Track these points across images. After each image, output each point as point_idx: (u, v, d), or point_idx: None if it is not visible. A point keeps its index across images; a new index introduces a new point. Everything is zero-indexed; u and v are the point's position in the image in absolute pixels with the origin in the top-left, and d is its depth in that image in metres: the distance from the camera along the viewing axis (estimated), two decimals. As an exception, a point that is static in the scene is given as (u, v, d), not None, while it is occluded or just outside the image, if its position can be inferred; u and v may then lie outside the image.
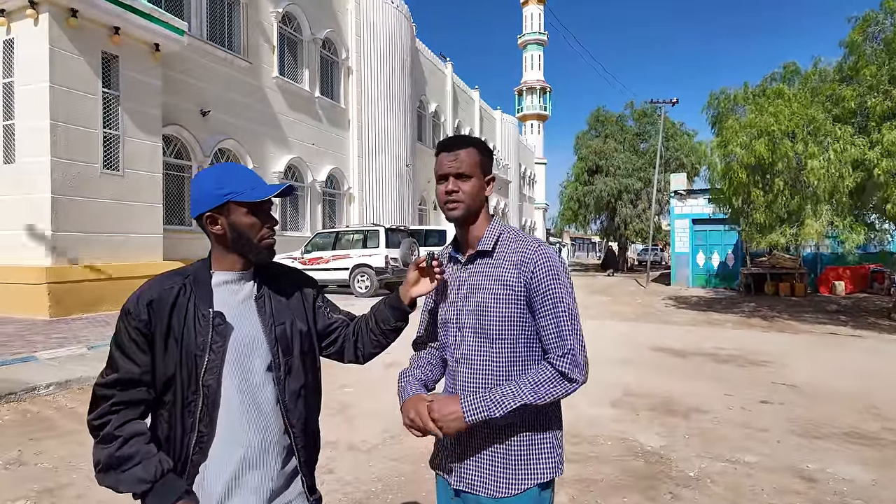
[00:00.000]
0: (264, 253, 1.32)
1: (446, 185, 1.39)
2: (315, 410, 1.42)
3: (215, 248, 1.32)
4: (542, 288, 1.32)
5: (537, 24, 59.61)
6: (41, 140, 8.63)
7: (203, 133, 12.86)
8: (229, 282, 1.31)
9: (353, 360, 1.53)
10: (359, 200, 19.04)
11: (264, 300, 1.33)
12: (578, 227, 34.21)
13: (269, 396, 1.29)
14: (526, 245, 1.38)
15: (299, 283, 1.46)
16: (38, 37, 8.68)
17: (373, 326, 1.49)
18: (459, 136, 1.44)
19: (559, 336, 1.31)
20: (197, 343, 1.21)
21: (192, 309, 1.24)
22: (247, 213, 1.27)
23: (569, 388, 1.29)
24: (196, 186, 1.29)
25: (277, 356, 1.30)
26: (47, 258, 8.61)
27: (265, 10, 14.98)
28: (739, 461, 3.73)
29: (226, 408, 1.23)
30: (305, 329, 1.39)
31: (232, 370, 1.24)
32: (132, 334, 1.21)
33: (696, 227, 18.87)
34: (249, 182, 1.28)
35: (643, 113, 31.72)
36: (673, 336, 9.06)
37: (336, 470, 3.55)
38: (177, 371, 1.21)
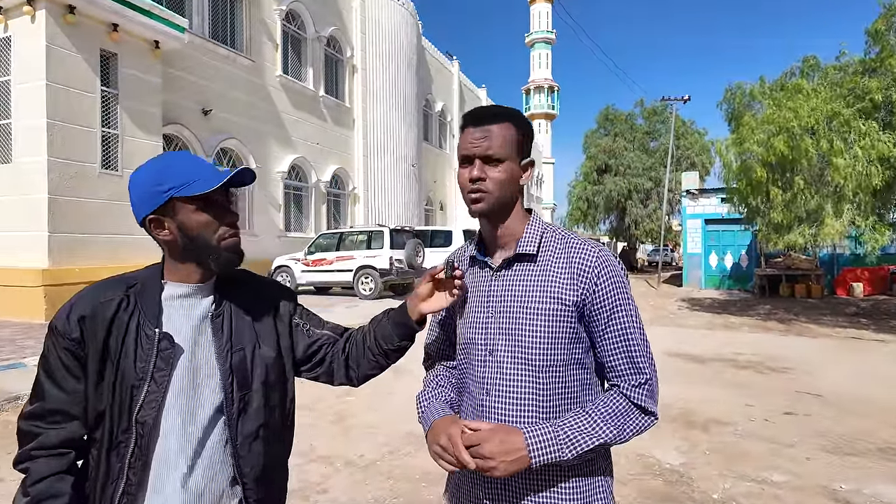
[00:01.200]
0: (226, 256, 1.08)
1: (471, 169, 1.10)
2: (279, 456, 1.17)
3: (167, 256, 1.09)
4: (608, 305, 1.07)
5: (545, 22, 59.22)
6: (38, 139, 8.45)
7: (205, 132, 12.67)
8: (183, 296, 1.08)
9: (344, 381, 1.27)
10: (364, 201, 18.81)
11: (223, 320, 1.09)
12: (587, 228, 33.81)
13: (219, 439, 1.05)
14: (582, 249, 1.10)
15: (272, 297, 1.22)
16: (34, 34, 8.50)
17: (371, 344, 1.23)
18: (493, 107, 1.14)
19: (632, 363, 1.07)
20: (136, 370, 0.99)
21: (133, 328, 1.02)
22: (196, 210, 1.05)
23: (648, 424, 1.07)
24: (133, 186, 1.06)
25: (231, 390, 1.05)
26: (44, 260, 8.43)
27: (268, 8, 14.78)
28: (766, 481, 3.43)
29: (163, 452, 1.00)
30: (273, 356, 1.14)
31: (176, 406, 1.01)
32: (61, 356, 1.00)
33: (709, 228, 18.46)
34: (194, 172, 1.04)
35: (653, 111, 31.28)
36: (689, 340, 8.73)
37: (331, 489, 3.30)
38: (109, 404, 0.99)
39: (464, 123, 1.13)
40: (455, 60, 29.21)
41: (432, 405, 1.20)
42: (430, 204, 25.80)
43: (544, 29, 59.21)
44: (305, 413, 4.72)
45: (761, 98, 10.34)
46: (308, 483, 3.36)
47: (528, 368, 1.08)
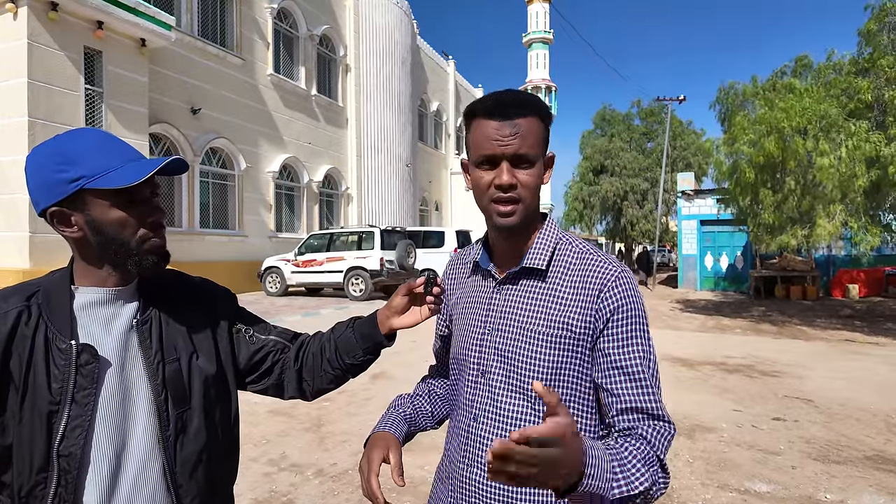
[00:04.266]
0: (149, 260, 0.91)
1: (498, 173, 0.91)
2: (222, 481, 1.02)
3: (76, 255, 0.92)
4: (623, 335, 0.90)
5: (543, 22, 59.14)
6: (19, 138, 8.33)
7: (193, 131, 12.54)
8: (98, 303, 0.91)
9: (295, 395, 1.12)
10: (357, 201, 18.68)
11: (150, 328, 0.93)
12: (584, 228, 33.72)
13: (156, 468, 0.89)
14: (600, 268, 0.93)
15: (208, 300, 1.05)
16: (16, 31, 8.38)
17: (331, 356, 1.08)
18: (517, 94, 0.93)
19: (649, 410, 0.88)
20: (51, 392, 0.82)
21: (41, 343, 0.85)
22: (112, 206, 0.87)
23: (663, 481, 0.82)
24: (30, 167, 0.88)
25: (165, 409, 0.90)
26: (25, 261, 8.30)
27: (259, 6, 14.66)
28: (750, 491, 3.32)
29: (95, 489, 0.84)
30: (213, 370, 0.99)
31: (106, 434, 0.85)
32: None
33: (705, 229, 18.37)
34: (112, 159, 0.87)
35: (650, 112, 31.20)
36: (680, 343, 8.62)
37: (297, 500, 3.18)
38: (17, 438, 0.82)
39: (480, 113, 0.93)
40: (451, 60, 29.12)
41: (389, 413, 1.10)
42: (425, 204, 25.67)
43: (542, 29, 59.14)
44: (281, 419, 4.60)
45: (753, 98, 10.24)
46: (275, 493, 3.24)
47: (523, 399, 0.93)
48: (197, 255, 12.30)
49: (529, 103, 0.93)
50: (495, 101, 0.92)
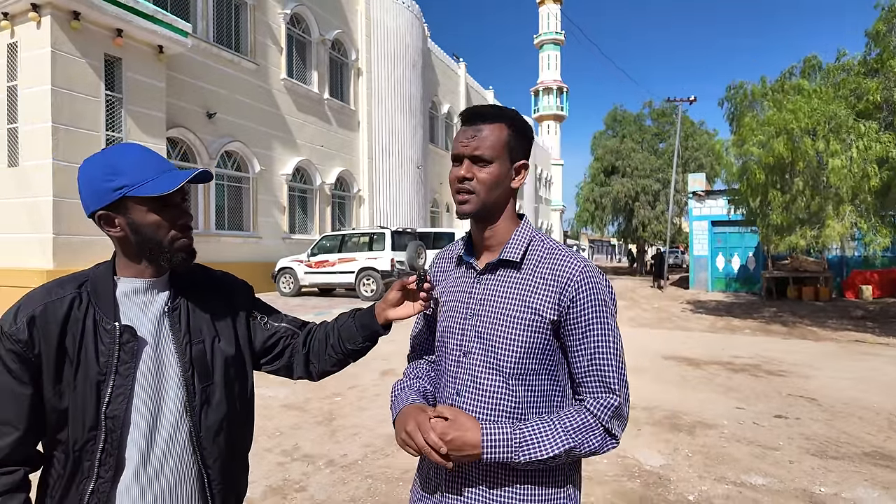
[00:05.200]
0: (179, 257, 1.07)
1: (459, 169, 1.10)
2: (240, 447, 1.18)
3: (118, 251, 1.08)
4: (584, 321, 1.04)
5: (554, 23, 59.09)
6: (43, 143, 8.63)
7: (209, 135, 12.82)
8: (137, 291, 1.07)
9: (303, 375, 1.28)
10: (369, 202, 18.91)
11: (179, 314, 1.09)
12: (595, 230, 33.65)
13: (184, 432, 1.05)
14: (566, 262, 1.07)
15: (229, 291, 1.22)
16: (40, 40, 8.68)
17: (334, 342, 1.25)
18: (488, 106, 1.12)
19: (604, 384, 1.04)
20: (99, 365, 0.98)
21: (90, 324, 1.01)
22: (149, 211, 1.03)
23: (608, 445, 1.02)
24: (82, 177, 1.04)
25: (192, 382, 1.06)
26: (49, 262, 8.59)
27: (273, 12, 14.93)
28: (745, 483, 3.42)
29: (135, 447, 1.00)
30: (233, 351, 1.15)
31: (143, 399, 1.01)
32: (7, 361, 0.98)
33: (716, 230, 18.31)
34: (150, 171, 1.02)
35: (662, 112, 31.09)
36: (688, 343, 8.68)
37: (309, 487, 3.34)
38: (72, 402, 0.97)
39: (461, 121, 1.14)
40: (462, 62, 29.27)
41: (404, 393, 1.20)
42: (436, 206, 25.84)
43: (553, 30, 59.09)
44: (295, 413, 4.78)
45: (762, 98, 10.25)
46: (288, 481, 3.41)
47: (499, 374, 1.07)
48: (213, 256, 12.58)
49: (496, 113, 1.11)
50: (468, 112, 1.12)
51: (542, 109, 59.39)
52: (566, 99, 60.36)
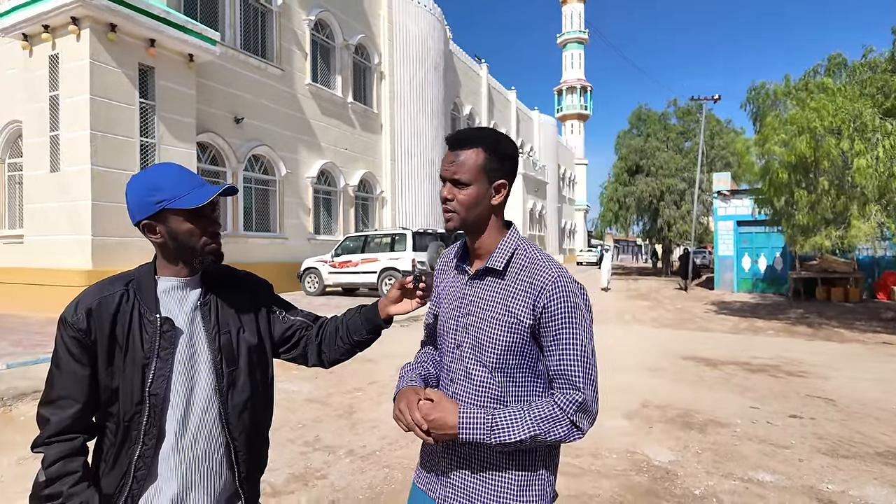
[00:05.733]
0: (209, 259, 1.25)
1: (444, 189, 1.24)
2: (262, 424, 1.35)
3: (158, 254, 1.26)
4: (556, 325, 1.17)
5: (577, 22, 58.69)
6: (82, 149, 9.08)
7: (237, 139, 13.23)
8: (174, 288, 1.25)
9: (316, 363, 1.46)
10: (391, 204, 19.18)
11: (210, 308, 1.27)
12: (619, 229, 33.36)
13: (214, 409, 1.23)
14: (542, 272, 1.19)
15: (252, 288, 1.40)
16: (79, 51, 9.14)
17: (343, 334, 1.43)
18: (469, 131, 1.24)
19: (570, 382, 1.17)
20: (144, 351, 1.16)
21: (136, 316, 1.18)
22: (184, 221, 1.20)
23: (573, 435, 1.16)
24: (129, 192, 1.22)
25: (220, 367, 1.24)
26: (88, 262, 9.03)
27: (297, 18, 15.30)
28: (752, 480, 3.48)
29: (173, 420, 1.18)
30: (255, 341, 1.32)
31: (179, 380, 1.19)
32: (69, 346, 1.16)
33: (741, 229, 18.03)
34: (185, 186, 1.20)
35: (687, 111, 30.65)
36: (708, 343, 8.65)
37: (329, 475, 3.53)
38: (121, 382, 1.15)
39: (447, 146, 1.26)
40: (483, 63, 29.38)
41: (407, 375, 1.36)
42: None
43: (576, 29, 58.69)
44: (317, 406, 5.00)
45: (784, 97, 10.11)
46: (309, 469, 3.61)
47: (485, 367, 1.22)
48: (241, 256, 12.98)
49: (475, 138, 1.23)
50: (451, 137, 1.25)
51: (565, 109, 59.05)
52: (590, 98, 59.88)
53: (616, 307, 14.25)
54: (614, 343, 8.65)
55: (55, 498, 1.12)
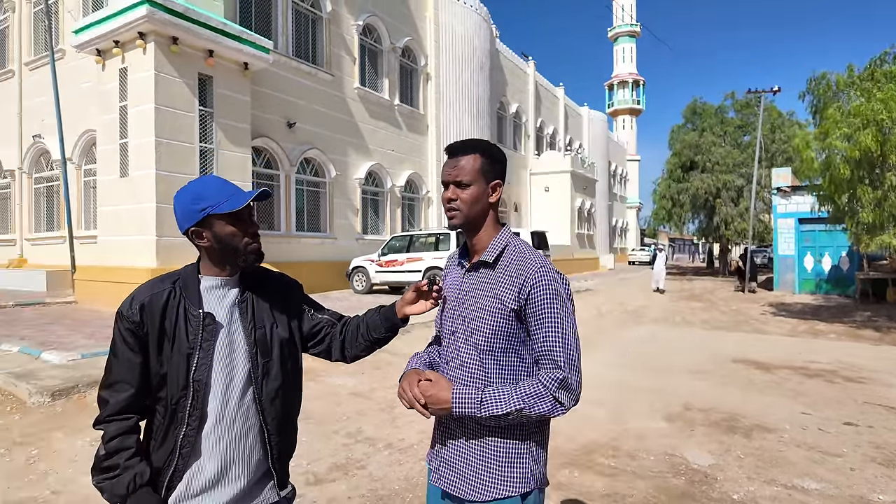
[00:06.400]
0: (251, 258, 1.39)
1: (447, 192, 1.41)
2: (292, 411, 1.49)
3: (203, 256, 1.40)
4: (539, 309, 1.30)
5: (629, 15, 57.15)
6: (148, 155, 9.72)
7: (289, 144, 13.75)
8: (216, 287, 1.38)
9: (339, 359, 1.59)
10: (437, 204, 19.38)
11: (247, 305, 1.40)
12: (673, 228, 32.29)
13: (249, 395, 1.37)
14: (528, 264, 1.34)
15: (284, 288, 1.54)
16: (145, 64, 9.77)
17: (363, 332, 1.56)
18: (465, 141, 1.42)
19: (552, 360, 1.29)
20: (188, 342, 1.30)
21: (182, 311, 1.33)
22: (227, 224, 1.34)
23: (556, 410, 1.27)
24: (176, 204, 1.37)
25: (256, 358, 1.37)
26: (153, 261, 9.66)
27: (346, 24, 15.72)
28: (797, 487, 3.38)
29: (214, 404, 1.32)
30: (287, 336, 1.45)
31: (219, 369, 1.33)
32: (125, 336, 1.31)
33: (803, 227, 17.11)
34: (224, 193, 1.34)
35: (746, 103, 29.25)
36: (761, 346, 8.32)
37: (368, 466, 3.69)
38: (169, 369, 1.30)
39: (446, 154, 1.44)
40: (531, 61, 29.14)
41: (413, 361, 1.54)
42: (503, 206, 25.93)
43: (628, 22, 57.15)
44: (360, 400, 5.19)
45: (847, 88, 9.54)
46: (350, 460, 3.79)
47: (475, 350, 1.36)
48: (293, 255, 13.51)
49: (472, 146, 1.41)
50: (449, 147, 1.43)
51: (616, 104, 57.64)
52: (643, 92, 58.17)
53: (665, 308, 13.87)
54: (659, 346, 8.47)
55: (113, 469, 1.27)
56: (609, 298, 16.08)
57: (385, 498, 3.22)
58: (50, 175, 13.94)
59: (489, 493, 1.33)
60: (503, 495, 1.32)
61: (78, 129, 12.39)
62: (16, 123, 14.34)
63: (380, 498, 3.23)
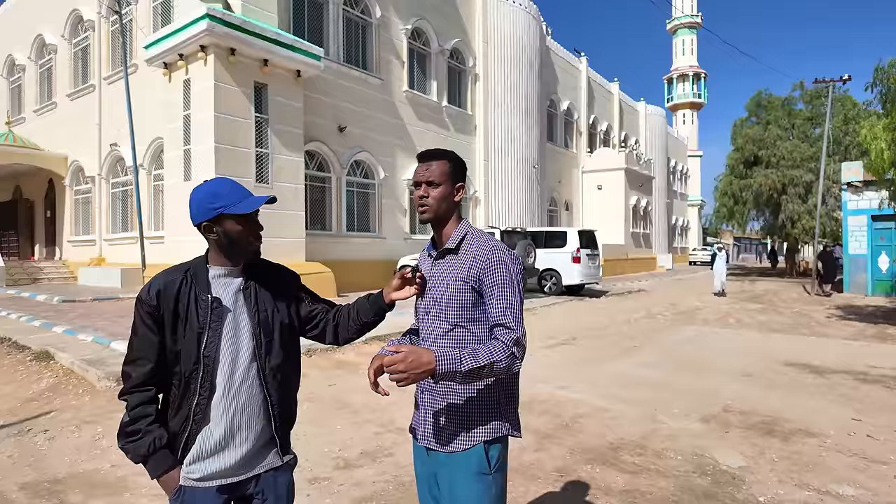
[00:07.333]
0: (250, 254, 1.59)
1: (419, 190, 1.63)
2: (291, 386, 1.67)
3: (211, 248, 1.59)
4: (491, 282, 1.56)
5: (690, 5, 54.96)
6: (208, 160, 10.37)
7: (340, 147, 14.24)
8: (222, 275, 1.57)
9: (332, 342, 1.78)
10: (484, 203, 19.44)
11: (250, 291, 1.59)
12: (735, 226, 30.82)
13: (254, 370, 1.56)
14: (483, 246, 1.60)
15: (283, 277, 1.73)
16: (206, 74, 10.44)
17: (354, 317, 1.73)
18: (435, 150, 1.66)
19: (506, 325, 1.54)
20: (199, 322, 1.49)
21: (193, 296, 1.51)
22: (236, 223, 1.52)
23: (515, 364, 1.53)
24: (193, 200, 1.56)
25: (259, 337, 1.56)
26: (213, 259, 10.29)
27: (395, 28, 16.07)
28: (830, 492, 3.27)
29: (221, 377, 1.51)
30: (286, 320, 1.64)
31: (226, 346, 1.52)
32: (144, 318, 1.51)
33: (877, 225, 15.96)
34: (237, 196, 1.53)
35: (816, 94, 27.53)
36: (818, 350, 7.90)
37: (396, 454, 3.86)
38: (182, 346, 1.50)
39: (418, 160, 1.67)
40: (583, 57, 28.64)
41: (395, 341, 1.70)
42: (553, 204, 25.63)
43: (688, 13, 54.96)
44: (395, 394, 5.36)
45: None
46: (380, 447, 3.97)
47: (446, 325, 1.60)
48: (344, 255, 13.99)
49: (441, 154, 1.65)
50: (422, 154, 1.67)
51: (676, 98, 55.59)
52: (704, 85, 55.79)
53: (720, 310, 13.33)
54: (706, 347, 8.21)
55: (136, 434, 1.48)
56: (661, 299, 15.62)
57: (407, 483, 3.38)
58: (124, 180, 15.07)
59: (461, 444, 1.57)
60: (471, 445, 1.57)
61: (148, 137, 13.35)
62: (96, 133, 15.60)
63: (402, 483, 3.39)
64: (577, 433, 4.32)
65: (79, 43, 16.58)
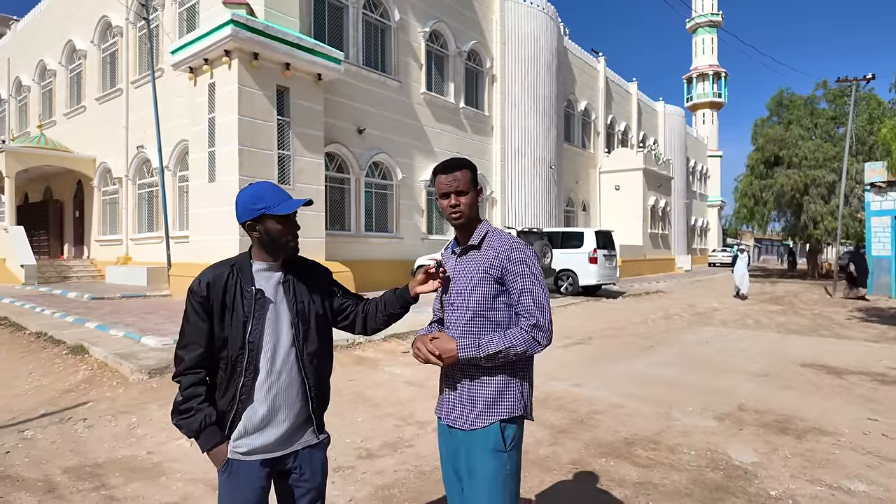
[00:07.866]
0: (289, 251, 1.76)
1: (449, 200, 1.78)
2: (326, 370, 1.84)
3: (254, 245, 1.77)
4: (513, 273, 1.74)
5: (710, 3, 54.31)
6: (232, 162, 10.65)
7: (359, 149, 14.46)
8: (264, 270, 1.74)
9: (361, 332, 1.95)
10: (501, 204, 19.52)
11: (289, 284, 1.76)
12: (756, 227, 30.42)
13: (293, 355, 1.72)
14: (503, 242, 1.78)
15: (319, 273, 1.90)
16: (230, 78, 10.72)
17: (381, 309, 1.90)
18: (454, 161, 1.82)
19: (526, 311, 1.72)
20: (244, 312, 1.67)
21: (238, 288, 1.69)
22: (276, 223, 1.70)
23: (534, 347, 1.70)
24: (239, 201, 1.73)
25: (297, 326, 1.73)
26: (236, 258, 10.56)
27: (414, 31, 16.26)
28: (842, 488, 3.33)
29: (264, 361, 1.68)
30: (321, 311, 1.81)
31: (269, 333, 1.69)
32: (195, 307, 1.69)
33: (902, 225, 15.70)
34: (278, 198, 1.71)
35: (840, 93, 27.08)
36: (837, 351, 7.86)
37: (416, 445, 4.01)
38: (230, 333, 1.67)
39: (438, 172, 1.81)
40: (601, 57, 28.55)
41: (425, 329, 1.95)
42: (570, 205, 25.60)
43: (709, 12, 54.32)
44: (414, 389, 5.54)
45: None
46: (400, 439, 4.13)
47: (469, 314, 1.77)
48: (362, 254, 14.21)
49: (461, 165, 1.80)
50: (443, 165, 1.81)
51: (696, 97, 55.00)
52: (724, 84, 55.09)
53: (738, 311, 13.25)
54: (723, 347, 8.21)
55: (188, 412, 1.66)
56: (679, 300, 15.55)
57: (427, 473, 3.52)
58: (150, 181, 15.49)
59: (479, 422, 1.73)
60: (489, 422, 1.72)
61: (174, 139, 13.72)
62: (123, 136, 16.07)
63: (422, 473, 3.53)
64: (591, 428, 4.43)
65: (107, 48, 17.08)
